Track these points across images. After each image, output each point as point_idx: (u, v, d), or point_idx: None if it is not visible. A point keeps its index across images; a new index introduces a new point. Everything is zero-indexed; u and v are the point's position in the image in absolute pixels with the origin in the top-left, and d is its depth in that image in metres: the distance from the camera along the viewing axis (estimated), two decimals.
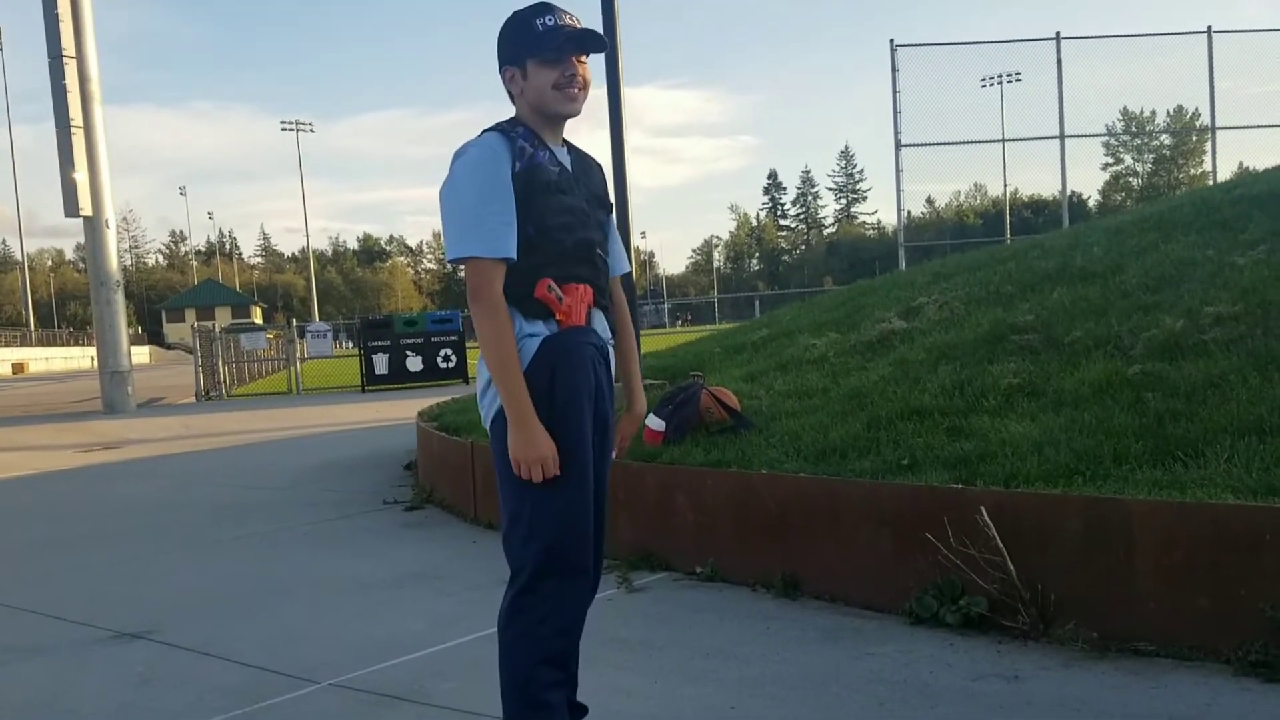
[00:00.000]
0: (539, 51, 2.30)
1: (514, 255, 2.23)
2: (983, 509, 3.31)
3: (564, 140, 2.44)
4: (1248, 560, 2.87)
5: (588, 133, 2.54)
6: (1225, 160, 17.19)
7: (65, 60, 16.11)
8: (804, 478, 4.00)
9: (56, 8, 16.02)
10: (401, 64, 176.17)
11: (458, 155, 2.29)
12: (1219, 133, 16.75)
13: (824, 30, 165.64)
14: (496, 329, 2.21)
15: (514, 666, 2.30)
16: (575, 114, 2.37)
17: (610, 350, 2.44)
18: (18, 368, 52.45)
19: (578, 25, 2.34)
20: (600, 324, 2.40)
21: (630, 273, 2.68)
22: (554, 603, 2.30)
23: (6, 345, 57.79)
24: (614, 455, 2.53)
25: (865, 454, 4.16)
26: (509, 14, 2.39)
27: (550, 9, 2.34)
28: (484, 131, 2.34)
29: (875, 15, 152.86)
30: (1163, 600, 3.03)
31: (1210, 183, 16.16)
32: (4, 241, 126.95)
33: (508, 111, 2.41)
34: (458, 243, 2.22)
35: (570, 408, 2.26)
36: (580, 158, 2.47)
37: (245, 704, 3.21)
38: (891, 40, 15.63)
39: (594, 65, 2.40)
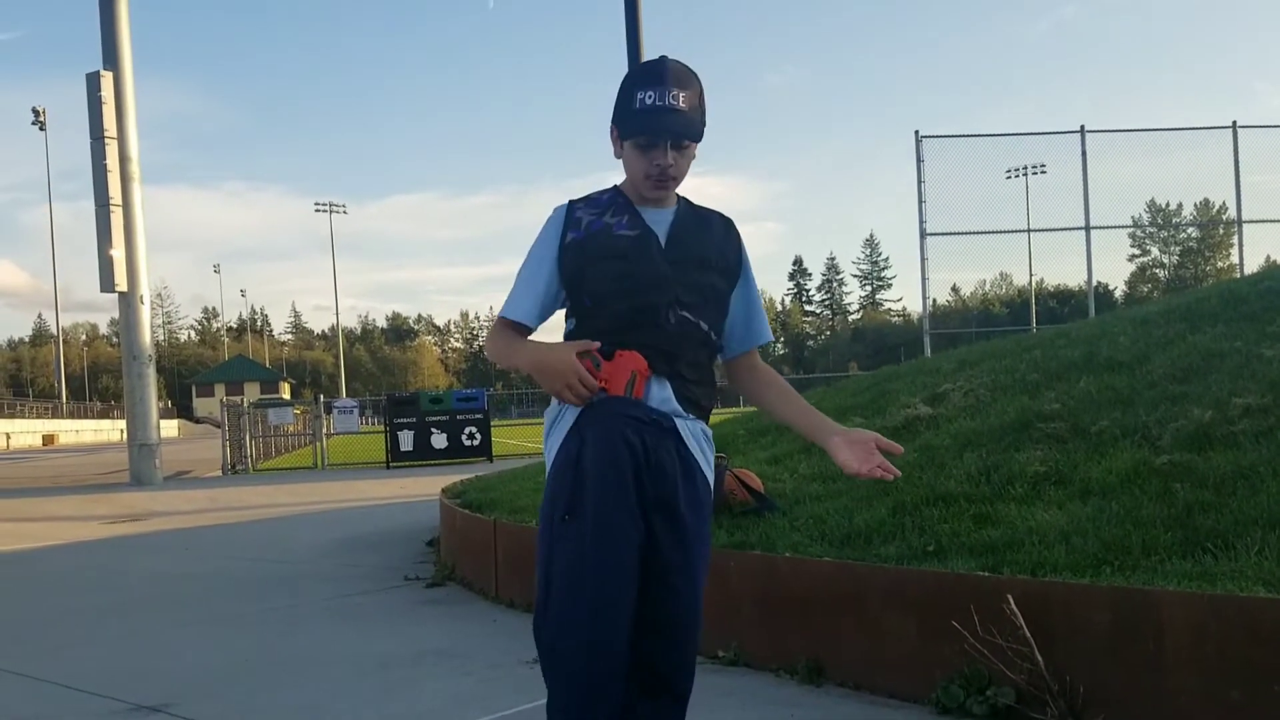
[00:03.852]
0: (632, 132, 2.18)
1: (525, 320, 2.25)
2: (1010, 598, 3.27)
3: (680, 198, 2.31)
4: None
5: None
6: (1252, 253, 17.30)
7: (106, 141, 16.63)
8: (828, 562, 3.97)
9: (100, 90, 16.59)
10: (432, 147, 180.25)
11: None
12: (1246, 226, 16.80)
13: (848, 120, 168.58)
14: (496, 342, 2.28)
15: None
16: (663, 200, 2.27)
17: (679, 423, 2.20)
18: (48, 439, 52.97)
19: (680, 105, 2.14)
20: (658, 393, 2.18)
21: (765, 343, 2.42)
22: (581, 695, 2.06)
23: (38, 417, 58.44)
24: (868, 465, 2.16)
25: (890, 539, 4.13)
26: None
27: (659, 79, 2.14)
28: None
29: (900, 106, 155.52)
30: (1194, 694, 2.97)
31: (1237, 275, 16.15)
32: (40, 315, 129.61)
33: (532, 194, 2.45)
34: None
35: (594, 478, 2.07)
36: (693, 218, 2.31)
37: None
38: (916, 131, 15.87)
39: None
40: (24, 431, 51.47)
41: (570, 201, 2.31)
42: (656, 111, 2.14)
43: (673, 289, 2.20)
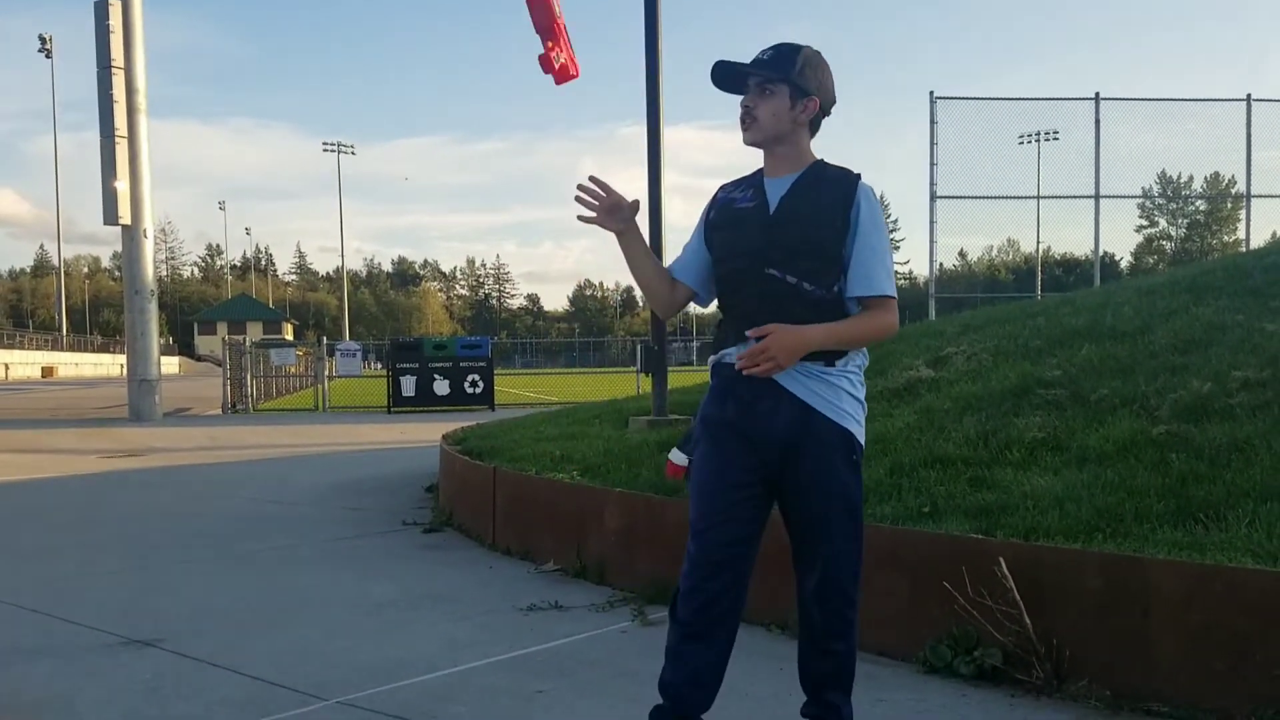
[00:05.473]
0: None
1: (676, 274, 2.69)
2: (1001, 560, 3.30)
3: (814, 162, 2.59)
4: (1265, 625, 2.84)
5: (622, 169, 2.64)
6: (1259, 229, 17.08)
7: (113, 71, 16.45)
8: None
9: (108, 19, 16.38)
10: (443, 91, 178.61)
11: None
12: (1254, 201, 16.68)
13: (861, 79, 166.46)
14: None
15: None
16: (747, 143, 2.62)
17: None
18: (47, 371, 53.14)
19: (747, 62, 2.61)
20: (740, 349, 2.51)
21: (877, 296, 2.56)
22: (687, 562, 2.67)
23: (38, 348, 58.52)
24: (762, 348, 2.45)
25: (886, 499, 4.16)
26: None
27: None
28: None
29: (913, 67, 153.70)
30: (1178, 661, 3.00)
31: (1243, 250, 16.06)
32: (42, 246, 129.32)
33: (541, 143, 2.63)
34: None
35: (701, 428, 2.66)
36: (812, 179, 2.57)
37: (251, 717, 3.22)
38: (931, 92, 15.67)
39: (636, 103, 2.52)
40: (23, 363, 51.62)
41: (721, 185, 2.71)
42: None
43: (762, 253, 2.50)
